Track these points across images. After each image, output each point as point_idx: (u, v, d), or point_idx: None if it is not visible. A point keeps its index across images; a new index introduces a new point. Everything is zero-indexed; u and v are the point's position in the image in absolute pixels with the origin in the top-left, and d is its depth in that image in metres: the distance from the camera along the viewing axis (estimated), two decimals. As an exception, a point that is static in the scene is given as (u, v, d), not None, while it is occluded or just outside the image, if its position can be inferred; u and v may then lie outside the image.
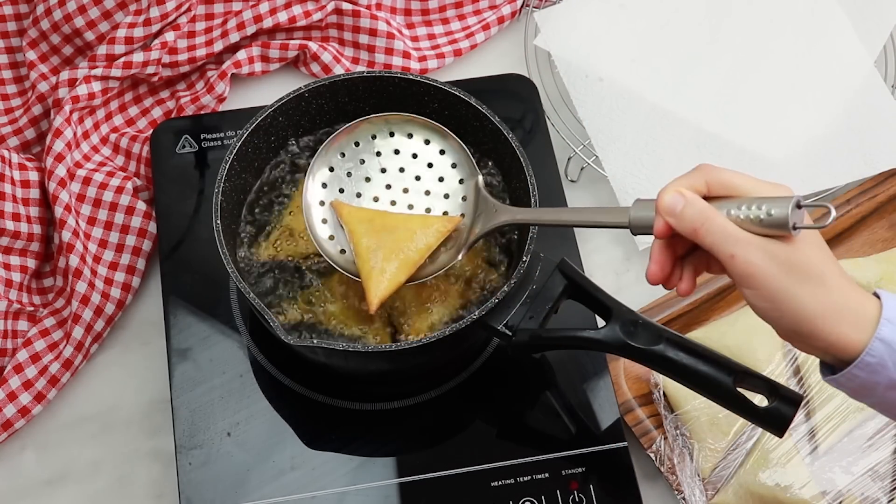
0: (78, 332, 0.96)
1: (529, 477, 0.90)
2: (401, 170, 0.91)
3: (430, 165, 0.91)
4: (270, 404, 0.93)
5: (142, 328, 1.01)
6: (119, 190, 1.03)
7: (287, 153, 0.96)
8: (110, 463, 0.95)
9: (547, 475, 0.90)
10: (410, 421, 0.93)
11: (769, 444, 0.92)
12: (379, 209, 0.89)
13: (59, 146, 1.02)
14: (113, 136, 1.08)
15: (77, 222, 1.00)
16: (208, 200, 0.92)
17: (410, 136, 0.91)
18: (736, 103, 1.09)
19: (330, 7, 1.13)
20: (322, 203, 0.90)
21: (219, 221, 0.87)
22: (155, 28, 1.08)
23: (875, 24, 1.12)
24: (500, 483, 0.89)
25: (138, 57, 1.07)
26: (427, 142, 0.91)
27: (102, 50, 1.07)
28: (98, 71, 1.06)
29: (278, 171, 0.96)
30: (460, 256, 0.87)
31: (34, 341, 0.97)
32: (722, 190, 0.71)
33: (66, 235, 0.99)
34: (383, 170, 0.91)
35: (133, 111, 1.11)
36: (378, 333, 0.89)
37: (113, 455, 0.95)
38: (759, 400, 0.81)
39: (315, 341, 0.84)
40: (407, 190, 0.90)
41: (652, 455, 0.93)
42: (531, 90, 1.08)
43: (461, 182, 0.90)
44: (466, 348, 0.95)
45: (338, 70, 1.12)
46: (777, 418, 0.80)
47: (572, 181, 1.08)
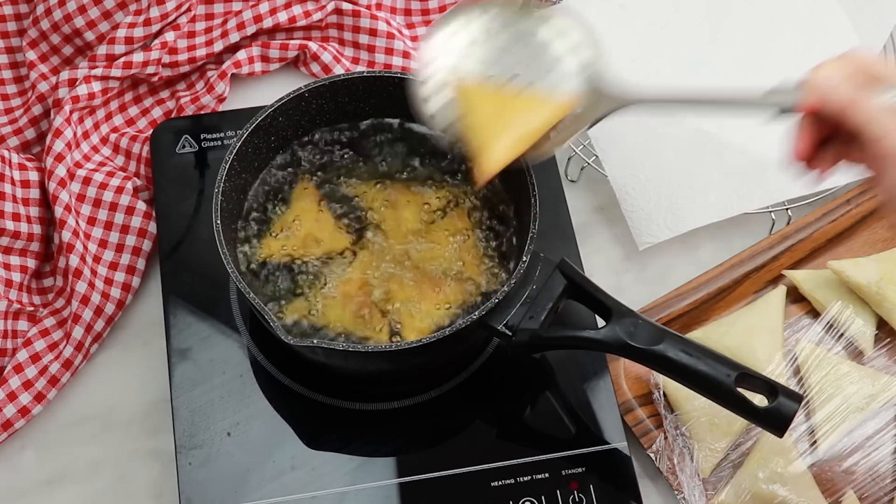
0: (78, 332, 0.96)
1: (529, 477, 0.90)
2: (520, 48, 0.89)
3: (549, 46, 0.89)
4: (270, 404, 0.93)
5: (142, 328, 1.01)
6: (119, 190, 1.03)
7: (287, 153, 0.96)
8: (110, 463, 0.95)
9: (547, 475, 0.90)
10: (410, 421, 0.93)
11: (769, 444, 0.92)
12: (497, 87, 0.88)
13: (59, 146, 1.02)
14: (113, 136, 1.08)
15: (77, 222, 1.00)
16: (208, 200, 0.92)
17: (529, 17, 0.90)
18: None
19: (330, 7, 1.13)
20: (438, 78, 0.89)
21: (219, 221, 0.87)
22: (155, 28, 1.08)
23: (875, 24, 1.12)
24: (500, 483, 0.89)
25: (138, 57, 1.07)
26: (546, 22, 0.90)
27: (102, 50, 1.07)
28: (98, 71, 1.06)
29: (278, 171, 0.96)
30: (576, 136, 0.87)
31: (34, 341, 0.97)
32: (869, 76, 0.72)
33: (66, 235, 0.99)
34: (504, 49, 0.89)
35: (133, 111, 1.11)
36: (378, 333, 0.89)
37: (113, 455, 0.95)
38: (759, 400, 0.81)
39: (315, 341, 0.84)
40: (525, 69, 0.89)
41: (652, 455, 0.93)
42: (531, 90, 1.08)
43: (580, 64, 0.88)
44: (466, 348, 0.95)
45: (338, 70, 1.12)
46: (777, 418, 0.80)
47: (572, 181, 1.08)
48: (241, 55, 1.11)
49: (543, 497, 0.89)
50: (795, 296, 1.01)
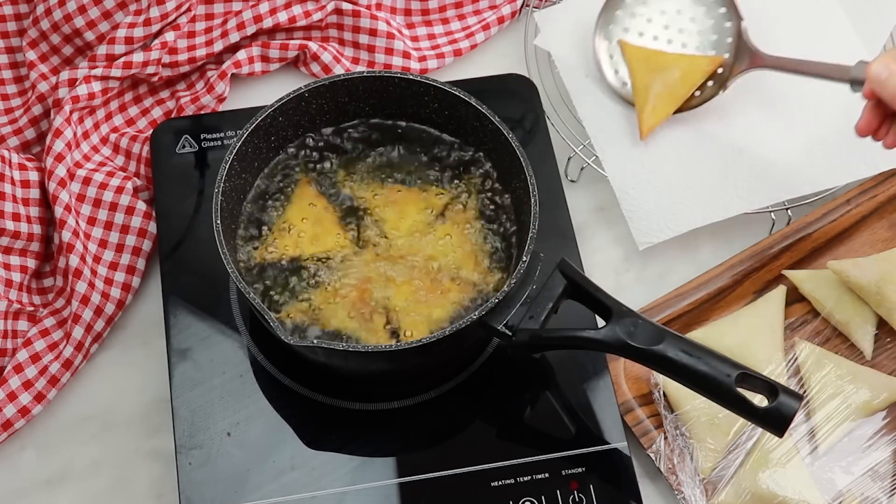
0: (78, 332, 0.96)
1: (529, 477, 0.90)
2: (678, 12, 1.08)
3: (703, 7, 1.06)
4: (270, 404, 0.93)
5: (142, 328, 1.01)
6: (119, 190, 1.03)
7: (287, 153, 0.96)
8: (110, 463, 0.95)
9: (547, 475, 0.90)
10: (410, 421, 0.93)
11: (769, 444, 0.92)
12: (656, 48, 1.06)
13: (59, 146, 1.02)
14: (113, 136, 1.08)
15: (77, 222, 1.00)
16: (208, 200, 0.92)
17: None
18: (736, 103, 1.09)
19: (330, 7, 1.13)
20: (609, 41, 1.07)
21: (219, 221, 0.87)
22: (155, 28, 1.08)
23: (875, 24, 1.12)
24: (500, 483, 0.89)
25: (138, 57, 1.07)
26: None
27: (102, 50, 1.07)
28: (98, 71, 1.06)
29: (279, 171, 0.96)
30: (723, 92, 1.04)
31: (34, 341, 0.97)
32: None
33: (66, 235, 0.99)
34: (662, 11, 1.07)
35: (133, 111, 1.11)
36: (378, 333, 0.89)
37: (113, 455, 0.95)
38: (759, 400, 0.81)
39: (315, 341, 0.84)
40: (682, 31, 1.07)
41: (652, 455, 0.93)
42: (531, 90, 1.08)
43: (728, 25, 1.06)
44: (466, 348, 0.95)
45: (338, 70, 1.12)
46: (777, 418, 0.80)
47: (572, 181, 1.08)
48: (241, 55, 1.11)
49: (543, 497, 0.89)
50: (795, 296, 1.01)
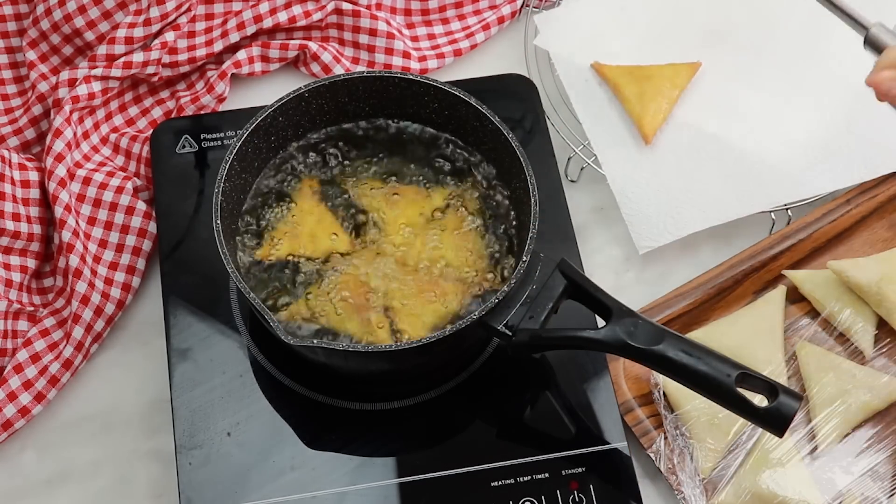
0: (78, 332, 0.96)
1: (529, 477, 0.90)
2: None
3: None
4: (270, 404, 0.93)
5: (142, 328, 1.01)
6: (119, 190, 1.03)
7: (287, 153, 0.96)
8: (110, 463, 0.95)
9: (547, 475, 0.90)
10: (410, 421, 0.93)
11: (769, 444, 0.92)
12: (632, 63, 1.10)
13: (59, 146, 1.02)
14: (113, 136, 1.08)
15: (77, 222, 1.00)
16: (208, 200, 0.92)
17: None
18: (736, 105, 1.09)
19: (330, 7, 1.13)
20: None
21: (219, 221, 0.87)
22: (155, 28, 1.08)
23: (875, 25, 1.12)
24: (500, 483, 0.89)
25: (138, 57, 1.07)
26: None
27: (102, 50, 1.07)
28: (98, 71, 1.06)
29: (279, 171, 0.96)
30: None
31: (34, 341, 0.97)
32: None
33: (66, 235, 0.99)
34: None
35: (133, 111, 1.11)
36: (378, 333, 0.89)
37: (113, 455, 0.95)
38: (759, 400, 0.81)
39: (315, 341, 0.84)
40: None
41: (652, 455, 0.93)
42: (531, 90, 1.08)
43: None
44: (466, 348, 0.95)
45: (338, 70, 1.12)
46: (777, 418, 0.80)
47: (572, 181, 1.08)
48: (241, 55, 1.11)
49: (543, 497, 0.89)
50: (795, 296, 1.01)
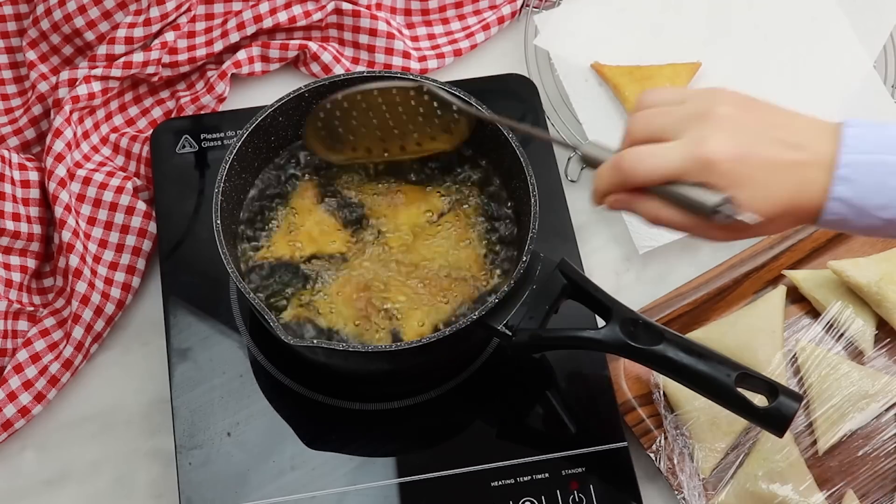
0: (78, 332, 0.96)
1: (529, 477, 0.90)
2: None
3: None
4: (270, 404, 0.93)
5: (142, 328, 1.01)
6: (119, 190, 1.03)
7: (287, 153, 0.96)
8: (110, 463, 0.95)
9: (547, 475, 0.90)
10: (410, 421, 0.93)
11: (769, 444, 0.92)
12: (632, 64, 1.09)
13: (59, 146, 1.02)
14: (113, 136, 1.08)
15: (77, 222, 1.00)
16: (208, 200, 0.92)
17: None
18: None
19: (330, 7, 1.13)
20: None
21: (219, 221, 0.87)
22: (155, 28, 1.08)
23: (875, 25, 1.12)
24: (500, 483, 0.89)
25: (138, 57, 1.07)
26: None
27: (102, 50, 1.07)
28: (98, 71, 1.06)
29: (279, 171, 0.96)
30: None
31: (34, 341, 0.97)
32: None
33: (66, 235, 0.99)
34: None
35: (133, 111, 1.11)
36: (378, 333, 0.89)
37: (113, 455, 0.95)
38: (760, 400, 0.81)
39: (315, 341, 0.84)
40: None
41: (652, 455, 0.93)
42: (531, 90, 1.08)
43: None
44: (466, 348, 0.95)
45: (338, 70, 1.12)
46: (777, 418, 0.80)
47: (572, 181, 1.08)
48: (241, 55, 1.11)
49: (543, 497, 0.89)
50: (795, 296, 1.01)
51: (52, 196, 1.01)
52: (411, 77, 0.91)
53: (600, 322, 0.87)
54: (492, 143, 0.94)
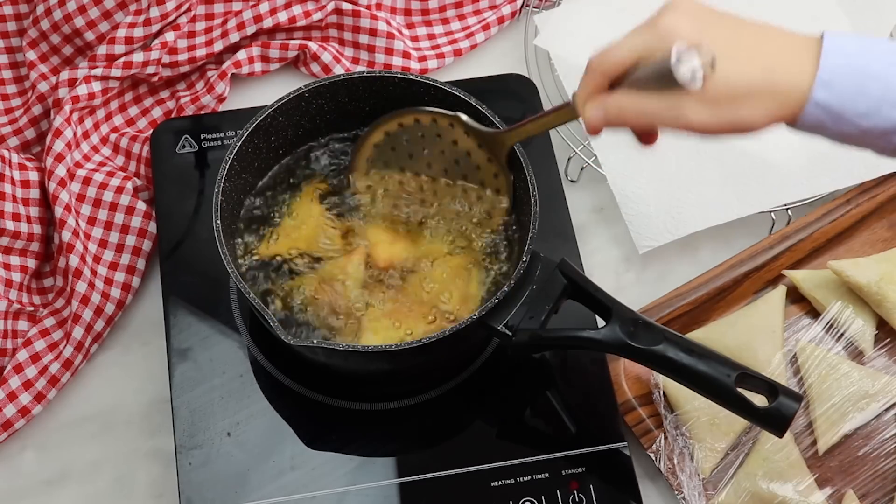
0: (78, 332, 0.96)
1: (529, 477, 0.90)
2: None
3: None
4: (270, 404, 0.93)
5: (142, 328, 1.01)
6: (119, 190, 1.03)
7: (287, 153, 0.96)
8: (110, 463, 0.95)
9: (547, 475, 0.90)
10: (410, 421, 0.93)
11: (769, 444, 0.92)
12: None
13: (59, 146, 1.02)
14: (113, 136, 1.08)
15: (77, 222, 1.00)
16: (208, 200, 0.92)
17: None
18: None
19: (330, 7, 1.13)
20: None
21: (219, 221, 0.87)
22: (155, 28, 1.08)
23: (875, 25, 1.12)
24: (500, 483, 0.89)
25: (138, 57, 1.07)
26: None
27: (102, 50, 1.07)
28: (98, 71, 1.06)
29: (279, 172, 0.96)
30: None
31: (34, 341, 0.97)
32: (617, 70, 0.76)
33: (66, 235, 0.99)
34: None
35: (133, 111, 1.11)
36: (376, 334, 0.89)
37: (113, 455, 0.95)
38: (759, 400, 0.81)
39: (315, 341, 0.84)
40: None
41: (652, 455, 0.93)
42: (531, 90, 1.08)
43: None
44: (466, 348, 0.95)
45: (338, 70, 1.12)
46: (777, 418, 0.80)
47: (572, 181, 1.08)
48: (241, 55, 1.11)
49: (543, 497, 0.89)
50: (795, 296, 1.01)
51: (52, 196, 1.01)
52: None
53: (600, 322, 0.87)
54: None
